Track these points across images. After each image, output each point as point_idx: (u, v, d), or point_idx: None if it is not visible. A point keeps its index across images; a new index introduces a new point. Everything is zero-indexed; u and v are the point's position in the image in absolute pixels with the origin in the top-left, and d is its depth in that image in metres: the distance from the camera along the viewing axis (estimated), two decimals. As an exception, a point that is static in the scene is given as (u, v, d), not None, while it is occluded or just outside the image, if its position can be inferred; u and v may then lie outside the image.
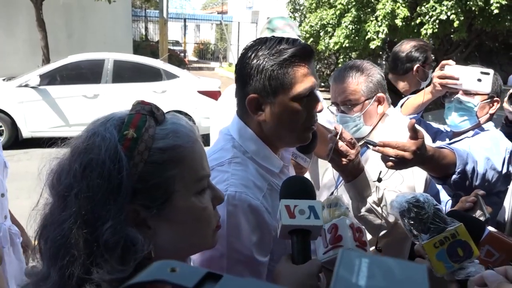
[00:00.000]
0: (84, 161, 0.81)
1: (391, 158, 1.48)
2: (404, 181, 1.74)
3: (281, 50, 1.25)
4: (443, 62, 2.10)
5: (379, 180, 1.61)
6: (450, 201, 2.03)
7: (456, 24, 10.03)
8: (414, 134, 1.48)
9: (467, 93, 2.09)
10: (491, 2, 9.80)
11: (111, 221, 0.79)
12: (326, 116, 2.38)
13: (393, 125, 1.93)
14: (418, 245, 1.15)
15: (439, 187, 2.13)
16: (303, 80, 1.27)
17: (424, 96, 2.27)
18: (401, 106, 2.48)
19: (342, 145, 1.51)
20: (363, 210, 1.66)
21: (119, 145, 0.81)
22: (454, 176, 1.73)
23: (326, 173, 2.19)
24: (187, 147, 0.88)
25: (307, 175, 2.37)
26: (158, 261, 0.40)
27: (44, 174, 0.86)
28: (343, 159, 1.53)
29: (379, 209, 1.67)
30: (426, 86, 2.24)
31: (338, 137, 1.50)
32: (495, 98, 2.11)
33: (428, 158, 1.57)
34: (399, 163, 1.49)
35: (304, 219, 1.01)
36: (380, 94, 1.92)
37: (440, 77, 2.07)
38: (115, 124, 0.85)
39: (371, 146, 1.57)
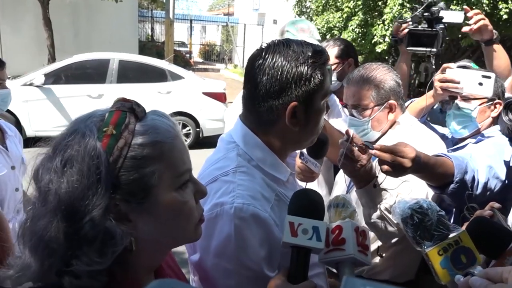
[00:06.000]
0: (64, 158, 0.83)
1: (387, 164, 1.43)
2: (412, 191, 1.70)
3: (314, 54, 1.21)
4: (445, 65, 2.05)
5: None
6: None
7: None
8: None
9: (464, 98, 2.04)
10: (500, 7, 9.73)
11: (90, 215, 0.81)
12: (342, 117, 2.36)
13: (404, 133, 1.87)
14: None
15: None
16: (327, 79, 1.26)
17: (426, 99, 2.22)
18: None
19: (353, 150, 1.47)
20: (374, 217, 1.62)
21: (98, 142, 0.83)
22: (451, 186, 1.65)
23: (338, 177, 2.16)
24: (166, 143, 0.90)
25: (320, 179, 2.33)
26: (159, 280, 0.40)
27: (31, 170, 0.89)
28: (355, 165, 1.49)
29: (391, 216, 1.63)
30: (428, 90, 2.20)
31: (349, 142, 1.46)
32: (497, 101, 2.04)
33: (423, 165, 1.50)
34: (397, 170, 1.44)
35: (305, 239, 1.01)
36: (391, 101, 1.88)
37: (441, 81, 2.02)
38: (95, 121, 0.87)
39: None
